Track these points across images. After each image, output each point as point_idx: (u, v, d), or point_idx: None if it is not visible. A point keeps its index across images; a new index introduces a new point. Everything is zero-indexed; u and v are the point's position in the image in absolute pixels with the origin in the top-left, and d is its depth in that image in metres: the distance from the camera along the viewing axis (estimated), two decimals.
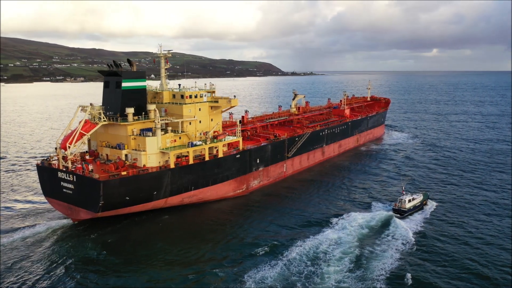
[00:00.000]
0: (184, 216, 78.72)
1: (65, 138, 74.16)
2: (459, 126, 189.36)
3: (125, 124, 78.02)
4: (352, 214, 76.73)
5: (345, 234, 67.88)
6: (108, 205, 70.78)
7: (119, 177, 70.98)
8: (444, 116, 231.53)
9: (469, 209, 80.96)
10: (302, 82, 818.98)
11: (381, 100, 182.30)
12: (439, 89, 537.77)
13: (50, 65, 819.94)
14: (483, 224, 73.29)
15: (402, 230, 69.20)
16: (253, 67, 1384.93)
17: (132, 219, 75.28)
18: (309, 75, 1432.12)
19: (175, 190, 78.97)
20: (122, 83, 79.20)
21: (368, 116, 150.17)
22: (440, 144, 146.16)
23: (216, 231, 71.73)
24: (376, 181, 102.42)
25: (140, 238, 68.61)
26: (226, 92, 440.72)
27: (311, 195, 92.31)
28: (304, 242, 64.89)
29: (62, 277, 55.70)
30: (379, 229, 70.87)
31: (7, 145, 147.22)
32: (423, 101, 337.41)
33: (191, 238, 68.90)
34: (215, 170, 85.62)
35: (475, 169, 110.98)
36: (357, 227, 70.89)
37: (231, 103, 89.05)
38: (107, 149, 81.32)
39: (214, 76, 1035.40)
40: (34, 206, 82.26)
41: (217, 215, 79.75)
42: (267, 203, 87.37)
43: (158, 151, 77.94)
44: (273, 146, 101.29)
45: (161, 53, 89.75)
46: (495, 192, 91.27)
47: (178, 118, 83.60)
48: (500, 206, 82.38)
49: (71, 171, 72.06)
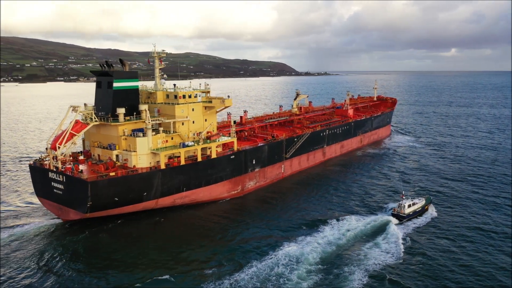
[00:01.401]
0: (175, 217, 77.89)
1: (55, 139, 74.16)
2: (469, 129, 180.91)
3: (116, 124, 77.68)
4: (348, 218, 75.05)
5: (334, 238, 66.37)
6: (96, 206, 70.47)
7: (107, 177, 70.61)
8: (454, 117, 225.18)
9: (471, 220, 75.34)
10: (314, 82, 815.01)
11: (388, 100, 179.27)
12: (453, 89, 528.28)
13: (66, 65, 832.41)
14: (482, 242, 66.30)
15: (393, 238, 66.62)
16: (266, 67, 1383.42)
17: (123, 220, 74.87)
18: (323, 75, 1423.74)
19: (166, 191, 78.34)
20: (113, 83, 78.84)
21: (372, 116, 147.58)
22: (447, 147, 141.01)
23: (204, 234, 70.82)
24: (377, 183, 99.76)
25: (129, 239, 67.98)
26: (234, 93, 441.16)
27: (308, 197, 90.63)
28: (289, 247, 63.46)
29: (44, 276, 55.57)
30: (370, 235, 68.59)
31: (7, 144, 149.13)
32: (434, 102, 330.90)
33: (178, 240, 68.21)
34: (208, 171, 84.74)
35: (481, 176, 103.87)
36: (347, 231, 69.09)
37: (225, 103, 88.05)
38: (99, 150, 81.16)
39: (227, 76, 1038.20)
40: (27, 206, 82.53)
41: (207, 217, 78.64)
42: (261, 205, 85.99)
43: (149, 151, 77.40)
44: (270, 146, 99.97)
45: (155, 53, 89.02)
46: (499, 205, 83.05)
47: (170, 119, 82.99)
48: (503, 220, 75.15)
49: (61, 172, 72.00)
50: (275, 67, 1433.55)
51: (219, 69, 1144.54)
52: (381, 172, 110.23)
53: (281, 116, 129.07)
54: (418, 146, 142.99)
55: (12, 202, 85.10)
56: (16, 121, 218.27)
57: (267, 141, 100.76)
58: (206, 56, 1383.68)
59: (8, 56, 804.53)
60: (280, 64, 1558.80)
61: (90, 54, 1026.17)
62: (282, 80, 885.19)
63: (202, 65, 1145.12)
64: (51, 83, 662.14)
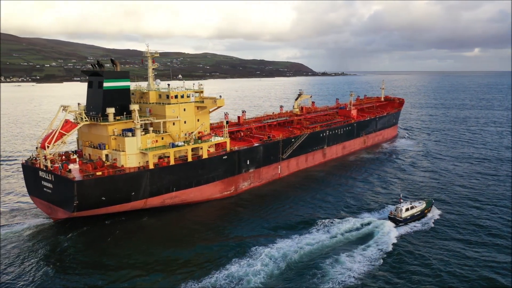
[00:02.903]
0: (162, 217, 77.79)
1: (45, 138, 74.91)
2: (480, 132, 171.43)
3: (106, 124, 78.04)
4: (341, 220, 73.46)
5: (322, 240, 65.47)
6: (83, 205, 70.88)
7: (94, 177, 70.98)
8: (467, 120, 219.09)
9: (472, 231, 70.53)
10: (328, 82, 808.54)
11: (395, 100, 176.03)
12: (471, 90, 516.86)
13: (84, 65, 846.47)
14: (478, 258, 60.71)
15: (382, 242, 64.53)
16: (283, 67, 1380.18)
17: (111, 220, 75.17)
18: (339, 76, 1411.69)
19: (155, 191, 78.33)
20: (103, 83, 79.23)
21: (376, 117, 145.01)
22: (456, 150, 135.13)
23: (189, 234, 70.64)
24: (377, 185, 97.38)
25: (114, 239, 68.23)
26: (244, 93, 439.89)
27: (302, 197, 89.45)
28: (272, 248, 62.69)
29: (29, 274, 56.24)
30: (360, 238, 66.84)
31: (8, 143, 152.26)
32: (450, 104, 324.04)
33: (164, 239, 68.27)
34: (199, 171, 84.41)
35: (492, 184, 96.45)
36: (337, 233, 67.79)
37: (217, 103, 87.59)
38: (90, 149, 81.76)
39: (243, 76, 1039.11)
40: (19, 205, 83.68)
41: (193, 218, 78.47)
42: (252, 205, 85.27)
43: (138, 151, 77.51)
44: (265, 147, 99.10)
45: (148, 53, 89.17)
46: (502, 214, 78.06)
47: (161, 119, 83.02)
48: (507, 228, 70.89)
49: (50, 171, 72.73)
50: (292, 67, 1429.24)
51: (235, 70, 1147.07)
52: (383, 174, 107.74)
53: (281, 117, 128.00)
54: (425, 148, 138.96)
55: (7, 201, 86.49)
56: (16, 120, 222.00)
57: (262, 142, 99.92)
58: (223, 56, 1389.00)
59: (30, 57, 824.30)
60: (297, 64, 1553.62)
61: (109, 54, 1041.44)
62: (297, 80, 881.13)
63: (218, 65, 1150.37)
64: (67, 83, 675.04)
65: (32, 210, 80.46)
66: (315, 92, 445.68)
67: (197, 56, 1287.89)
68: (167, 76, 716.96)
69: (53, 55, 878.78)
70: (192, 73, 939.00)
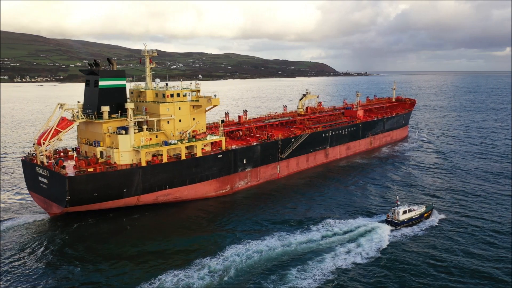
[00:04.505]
0: (154, 214, 79.03)
1: (41, 135, 77.19)
2: (495, 138, 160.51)
3: (100, 122, 79.80)
4: (335, 221, 72.33)
5: (312, 240, 65.22)
6: (75, 201, 72.69)
7: (85, 173, 72.71)
8: (483, 124, 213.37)
9: (473, 234, 68.27)
10: (348, 82, 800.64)
11: (406, 101, 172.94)
12: (499, 91, 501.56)
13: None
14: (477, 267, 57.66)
15: (374, 245, 63.18)
16: (305, 68, 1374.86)
17: (104, 216, 76.77)
18: (362, 76, 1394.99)
19: (147, 188, 79.57)
20: (99, 81, 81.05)
21: (384, 117, 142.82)
22: (465, 155, 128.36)
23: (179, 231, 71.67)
24: (379, 187, 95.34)
25: (106, 233, 70.18)
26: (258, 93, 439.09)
27: (299, 197, 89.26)
28: (260, 244, 63.61)
29: (24, 267, 58.20)
30: (351, 240, 65.28)
31: (10, 140, 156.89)
32: (468, 106, 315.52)
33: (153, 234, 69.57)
34: (193, 169, 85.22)
35: (500, 190, 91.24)
36: (329, 234, 67.07)
37: (212, 102, 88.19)
38: (86, 146, 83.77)
39: (263, 76, 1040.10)
40: (19, 200, 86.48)
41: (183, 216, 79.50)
42: (248, 204, 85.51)
43: (131, 149, 78.94)
44: (263, 146, 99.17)
45: (146, 53, 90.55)
46: None
47: (156, 117, 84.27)
48: None
49: (45, 167, 74.93)
50: (314, 67, 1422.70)
51: (257, 70, 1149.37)
52: (386, 175, 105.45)
53: (284, 117, 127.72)
54: (434, 151, 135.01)
55: (9, 195, 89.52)
56: (25, 119, 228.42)
57: (260, 141, 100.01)
58: (245, 56, 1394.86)
59: (56, 57, 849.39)
60: (320, 64, 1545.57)
61: (133, 55, 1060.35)
62: (317, 81, 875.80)
63: (240, 66, 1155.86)
64: None
65: (31, 205, 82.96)
66: (330, 93, 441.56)
67: (220, 57, 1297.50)
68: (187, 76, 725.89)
69: (79, 55, 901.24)
70: (213, 73, 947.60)
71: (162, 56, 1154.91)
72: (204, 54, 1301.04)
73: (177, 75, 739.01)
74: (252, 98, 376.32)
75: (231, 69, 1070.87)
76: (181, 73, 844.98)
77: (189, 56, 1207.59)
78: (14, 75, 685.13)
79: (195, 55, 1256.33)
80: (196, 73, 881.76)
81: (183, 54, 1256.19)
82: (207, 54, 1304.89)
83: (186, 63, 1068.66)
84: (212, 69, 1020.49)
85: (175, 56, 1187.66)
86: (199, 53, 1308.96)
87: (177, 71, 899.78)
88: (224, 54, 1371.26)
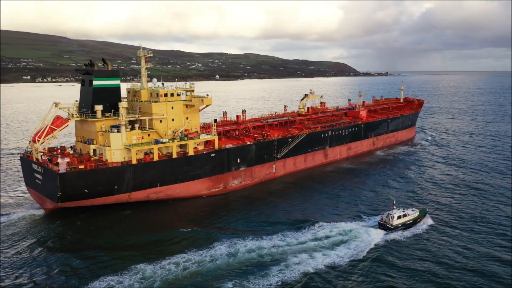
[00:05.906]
0: (145, 210, 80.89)
1: (36, 132, 79.97)
2: (501, 141, 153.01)
3: (94, 120, 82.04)
4: (328, 223, 71.79)
5: (300, 241, 65.12)
6: (66, 196, 75.01)
7: (76, 170, 74.97)
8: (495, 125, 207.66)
9: (466, 240, 66.70)
10: (366, 83, 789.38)
11: (414, 101, 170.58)
12: None
13: (128, 66, 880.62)
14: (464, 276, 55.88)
15: (361, 249, 62.53)
16: (325, 68, 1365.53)
17: (96, 212, 78.95)
18: (383, 76, 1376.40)
19: (138, 185, 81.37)
20: (93, 81, 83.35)
21: (388, 118, 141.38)
22: (467, 159, 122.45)
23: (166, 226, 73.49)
24: (376, 189, 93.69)
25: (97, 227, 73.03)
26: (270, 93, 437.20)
27: (293, 197, 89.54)
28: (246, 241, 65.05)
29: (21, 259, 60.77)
30: (340, 242, 64.62)
31: (13, 138, 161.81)
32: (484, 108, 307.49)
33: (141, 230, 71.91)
34: (184, 167, 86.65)
35: (501, 196, 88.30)
36: (319, 235, 66.74)
37: (204, 102, 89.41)
38: (81, 144, 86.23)
39: (282, 76, 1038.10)
40: (18, 195, 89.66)
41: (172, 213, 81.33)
42: (240, 203, 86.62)
43: (123, 147, 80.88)
44: (258, 146, 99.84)
45: (141, 53, 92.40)
46: None
47: (149, 116, 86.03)
48: None
49: (40, 163, 77.63)
50: (334, 67, 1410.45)
51: (275, 70, 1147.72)
52: (384, 177, 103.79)
53: (284, 117, 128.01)
54: (439, 153, 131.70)
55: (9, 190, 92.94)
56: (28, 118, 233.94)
57: (255, 141, 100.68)
58: (265, 56, 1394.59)
59: (79, 58, 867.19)
60: (340, 64, 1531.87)
61: (154, 55, 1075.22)
62: (335, 81, 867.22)
63: (259, 66, 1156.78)
64: None
65: (29, 201, 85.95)
66: (344, 94, 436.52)
67: (239, 57, 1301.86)
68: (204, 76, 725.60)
69: (101, 56, 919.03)
70: (231, 73, 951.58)
71: (182, 56, 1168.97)
72: (224, 54, 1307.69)
73: (194, 75, 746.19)
74: (262, 99, 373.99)
75: (250, 69, 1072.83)
76: (199, 73, 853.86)
77: (209, 57, 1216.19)
78: (36, 75, 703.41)
79: (215, 55, 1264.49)
80: (214, 73, 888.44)
81: (203, 54, 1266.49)
82: (226, 54, 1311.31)
83: (206, 63, 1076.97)
84: (231, 69, 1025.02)
85: (195, 56, 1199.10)
86: (219, 53, 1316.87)
87: (195, 71, 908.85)
88: (244, 54, 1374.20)
